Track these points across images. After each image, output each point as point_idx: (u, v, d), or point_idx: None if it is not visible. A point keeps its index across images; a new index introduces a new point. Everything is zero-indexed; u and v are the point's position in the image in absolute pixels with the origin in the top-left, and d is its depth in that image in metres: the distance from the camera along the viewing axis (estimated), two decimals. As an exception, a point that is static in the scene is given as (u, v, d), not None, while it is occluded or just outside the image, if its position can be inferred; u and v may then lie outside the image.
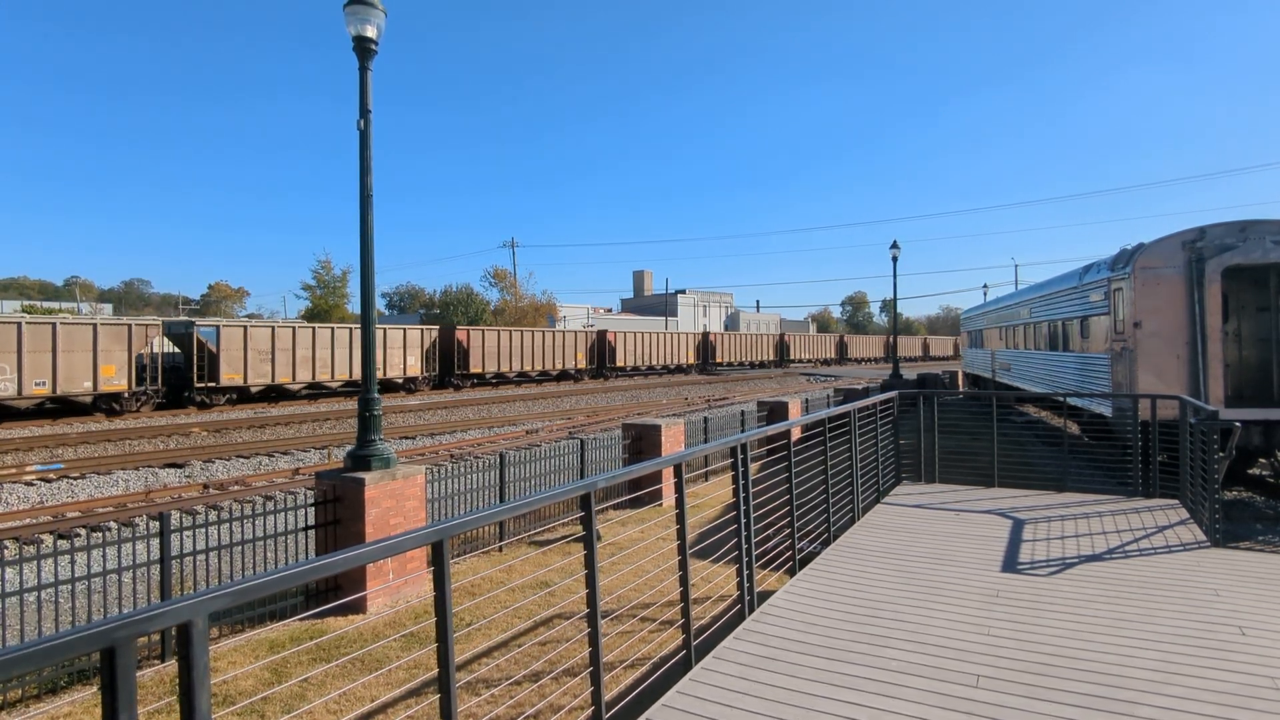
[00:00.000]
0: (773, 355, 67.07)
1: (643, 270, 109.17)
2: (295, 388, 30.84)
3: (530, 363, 42.50)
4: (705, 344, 59.13)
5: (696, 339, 58.37)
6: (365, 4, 7.10)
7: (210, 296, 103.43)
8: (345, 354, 32.29)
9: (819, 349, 75.85)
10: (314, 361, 31.24)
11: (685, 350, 56.22)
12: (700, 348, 58.55)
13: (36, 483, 14.25)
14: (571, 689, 4.89)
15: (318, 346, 31.41)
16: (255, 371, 29.04)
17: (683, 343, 56.96)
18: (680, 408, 28.49)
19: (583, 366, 46.15)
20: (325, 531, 7.11)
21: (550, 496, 3.64)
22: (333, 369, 32.00)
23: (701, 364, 58.09)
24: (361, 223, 7.39)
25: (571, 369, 45.29)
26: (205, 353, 27.71)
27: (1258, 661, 4.44)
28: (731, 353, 61.46)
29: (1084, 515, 8.25)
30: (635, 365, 50.31)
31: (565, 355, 45.16)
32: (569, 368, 45.14)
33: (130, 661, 1.74)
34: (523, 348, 42.05)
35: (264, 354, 29.35)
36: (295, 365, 30.56)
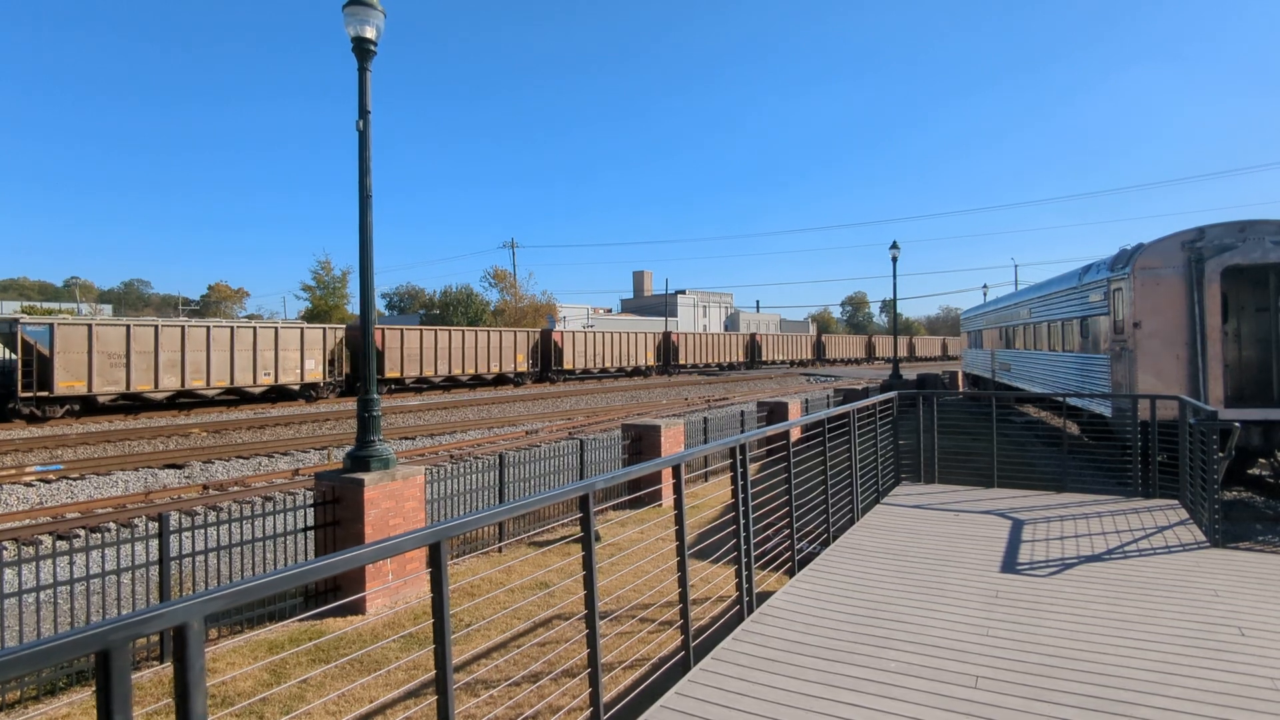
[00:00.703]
0: (742, 357, 62.91)
1: (643, 270, 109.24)
2: (159, 396, 26.52)
3: (462, 365, 37.86)
4: (667, 344, 54.18)
5: (657, 339, 53.45)
6: (364, 5, 7.10)
7: (210, 297, 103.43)
8: (225, 357, 27.90)
9: (793, 349, 70.93)
10: (184, 366, 26.76)
11: (644, 351, 51.16)
12: (661, 348, 53.70)
13: (36, 483, 14.25)
14: (570, 690, 4.89)
15: (189, 348, 26.89)
16: (105, 378, 24.90)
17: (641, 343, 51.50)
18: (680, 408, 28.49)
19: (524, 370, 41.83)
20: (325, 532, 7.11)
21: (548, 498, 3.63)
22: (208, 374, 27.44)
23: (663, 365, 53.74)
24: (360, 223, 7.39)
25: (511, 372, 41.01)
26: (35, 356, 23.60)
27: (1257, 662, 4.43)
28: (696, 354, 57.15)
29: (1083, 516, 8.25)
30: (586, 368, 46.08)
31: (504, 357, 40.59)
32: (508, 371, 40.75)
33: (125, 664, 1.73)
34: (450, 349, 37.18)
35: (116, 357, 25.20)
36: (159, 370, 26.18)
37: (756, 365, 64.34)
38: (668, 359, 54.28)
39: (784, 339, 71.41)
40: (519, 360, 41.88)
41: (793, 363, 69.76)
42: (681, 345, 55.89)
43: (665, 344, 54.61)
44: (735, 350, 62.64)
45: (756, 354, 64.91)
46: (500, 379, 41.09)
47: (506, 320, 63.53)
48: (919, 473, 10.31)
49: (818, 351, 74.57)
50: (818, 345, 75.21)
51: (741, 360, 63.01)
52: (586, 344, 46.48)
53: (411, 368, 35.51)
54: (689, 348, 56.79)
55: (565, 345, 44.61)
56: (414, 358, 35.67)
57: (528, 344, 42.91)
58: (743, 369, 61.59)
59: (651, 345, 52.98)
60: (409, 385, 35.91)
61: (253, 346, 29.00)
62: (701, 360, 57.88)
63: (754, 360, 64.48)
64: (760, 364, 64.85)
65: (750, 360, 64.11)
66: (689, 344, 57.03)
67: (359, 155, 7.34)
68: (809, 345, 74.02)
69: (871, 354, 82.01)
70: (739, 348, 63.30)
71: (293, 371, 30.48)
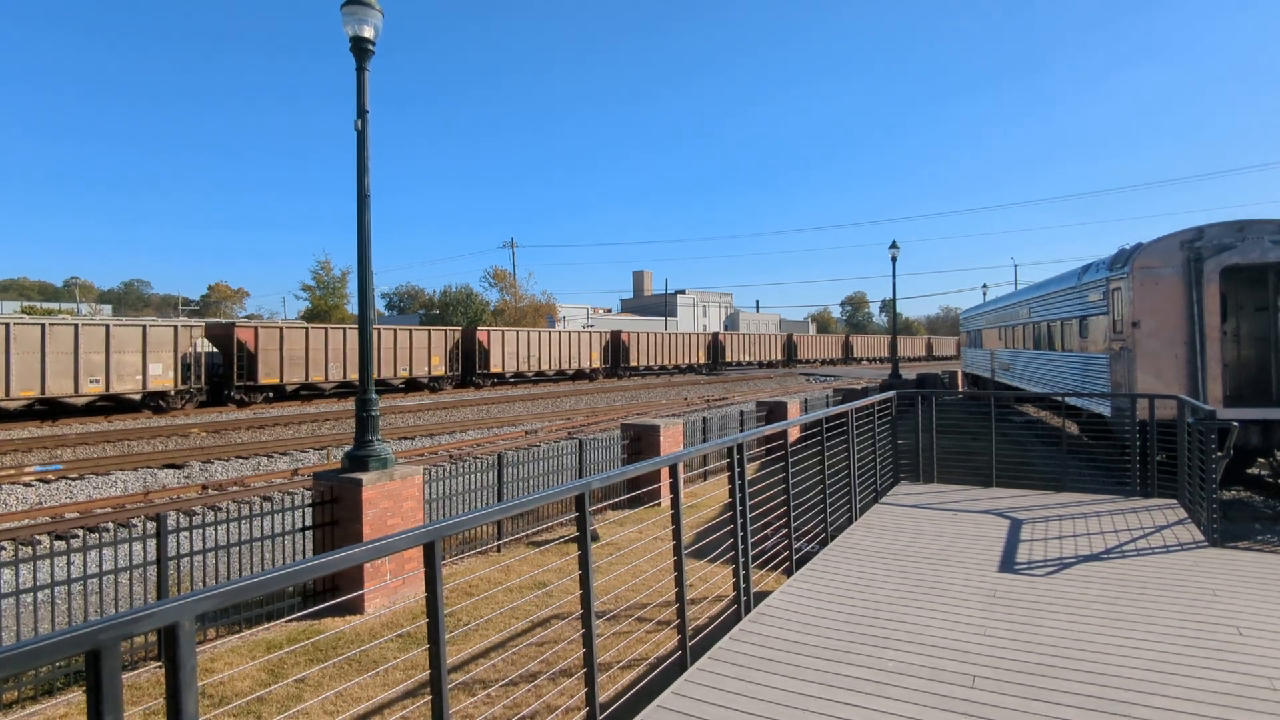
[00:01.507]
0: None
1: (642, 270, 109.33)
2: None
3: (350, 369, 31.70)
4: (616, 345, 48.51)
5: (604, 338, 47.52)
6: (363, 5, 7.09)
7: (210, 297, 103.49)
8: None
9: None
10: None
11: (588, 352, 45.76)
12: (609, 349, 48.17)
13: (35, 483, 14.24)
14: (567, 689, 4.88)
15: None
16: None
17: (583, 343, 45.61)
18: (680, 408, 28.48)
19: (441, 374, 36.29)
20: (323, 532, 7.10)
21: (544, 497, 3.63)
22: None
23: (611, 368, 48.75)
24: (359, 223, 7.38)
25: (425, 377, 35.60)
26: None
27: (1255, 661, 4.43)
28: (650, 355, 51.33)
29: (1082, 515, 8.24)
30: (519, 370, 41.00)
31: (415, 359, 34.72)
32: (421, 375, 35.37)
33: (115, 664, 1.73)
34: (346, 349, 31.28)
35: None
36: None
37: (793, 363, 62.15)
38: (616, 360, 48.81)
39: (816, 339, 69.51)
40: (434, 363, 35.73)
41: (823, 360, 68.69)
42: (633, 346, 49.24)
43: (615, 344, 48.73)
44: (775, 349, 59.67)
45: (793, 353, 63.22)
46: (412, 384, 35.15)
47: (506, 320, 63.51)
48: (918, 472, 10.30)
49: (846, 350, 73.55)
50: (846, 345, 73.78)
51: (780, 359, 60.59)
52: (519, 345, 40.59)
53: (295, 372, 29.70)
54: (642, 348, 50.27)
55: (493, 346, 38.82)
56: (298, 362, 29.82)
57: (445, 345, 36.53)
58: (704, 371, 56.16)
59: (598, 345, 47.24)
60: (291, 393, 30.09)
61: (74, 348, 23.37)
62: (656, 362, 51.84)
63: (791, 359, 62.44)
64: (796, 362, 62.85)
65: (787, 359, 62.05)
66: (642, 344, 50.35)
67: (357, 155, 7.34)
68: (838, 345, 72.49)
69: (849, 354, 77.94)
70: (778, 347, 60.44)
71: (132, 379, 24.83)
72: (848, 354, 74.66)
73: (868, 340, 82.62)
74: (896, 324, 38.38)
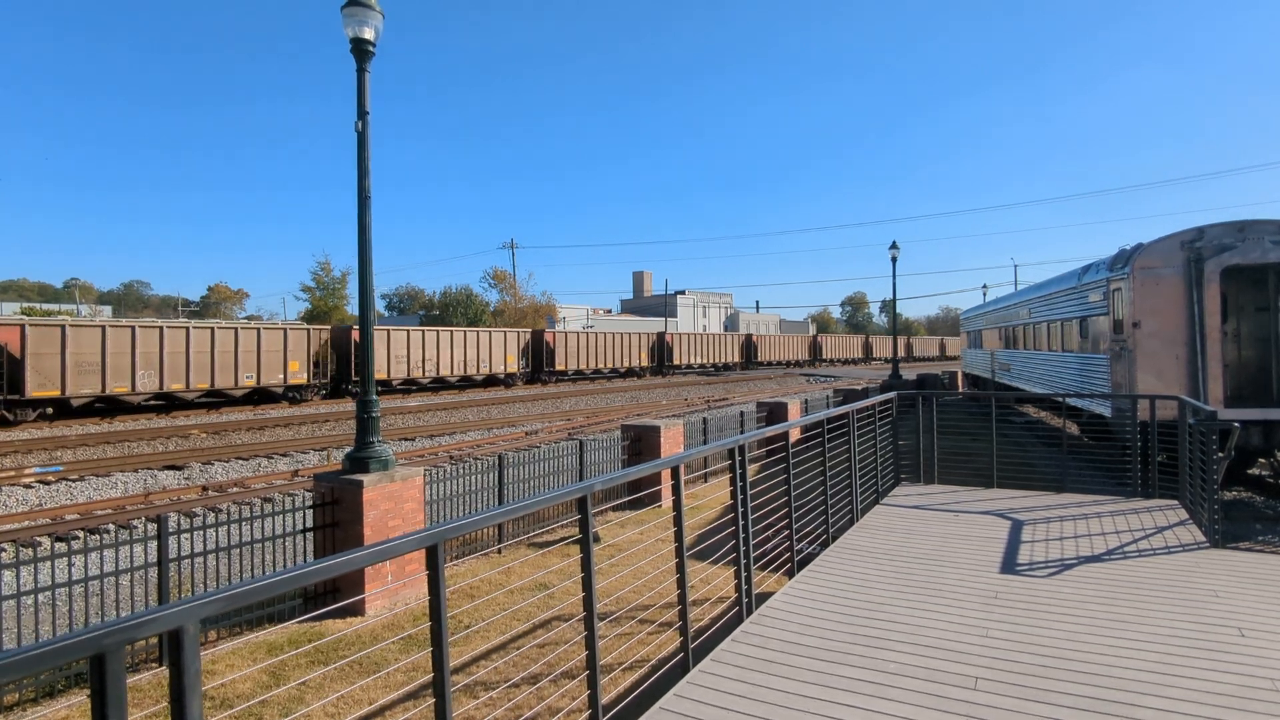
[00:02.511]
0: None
1: (642, 271, 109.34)
2: None
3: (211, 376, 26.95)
4: (538, 347, 43.19)
5: (523, 339, 41.94)
6: (363, 6, 7.10)
7: (210, 298, 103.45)
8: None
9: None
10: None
11: (503, 355, 39.46)
12: (529, 351, 42.70)
13: (35, 485, 14.24)
14: (570, 691, 4.88)
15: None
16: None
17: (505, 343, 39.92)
18: (680, 409, 28.48)
19: (301, 382, 30.06)
20: (324, 534, 7.10)
21: (547, 499, 3.63)
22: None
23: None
24: (360, 224, 7.38)
25: (276, 384, 29.32)
26: None
27: (1256, 662, 4.43)
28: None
29: (1083, 516, 8.24)
30: (410, 378, 34.86)
31: (267, 366, 28.74)
32: (270, 383, 29.08)
33: (119, 668, 1.73)
34: (189, 355, 26.09)
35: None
36: None
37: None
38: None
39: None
40: (293, 367, 29.94)
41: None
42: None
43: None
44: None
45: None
46: (260, 393, 29.19)
47: (506, 320, 63.49)
48: (918, 473, 10.30)
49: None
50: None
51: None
52: (410, 342, 34.43)
53: (120, 380, 24.44)
54: (684, 349, 53.83)
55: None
56: (122, 367, 24.40)
57: (314, 344, 30.42)
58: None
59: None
60: (139, 405, 25.37)
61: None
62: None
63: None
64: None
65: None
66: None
67: (358, 156, 7.34)
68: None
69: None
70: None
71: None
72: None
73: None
74: (896, 324, 38.38)
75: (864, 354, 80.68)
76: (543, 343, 42.34)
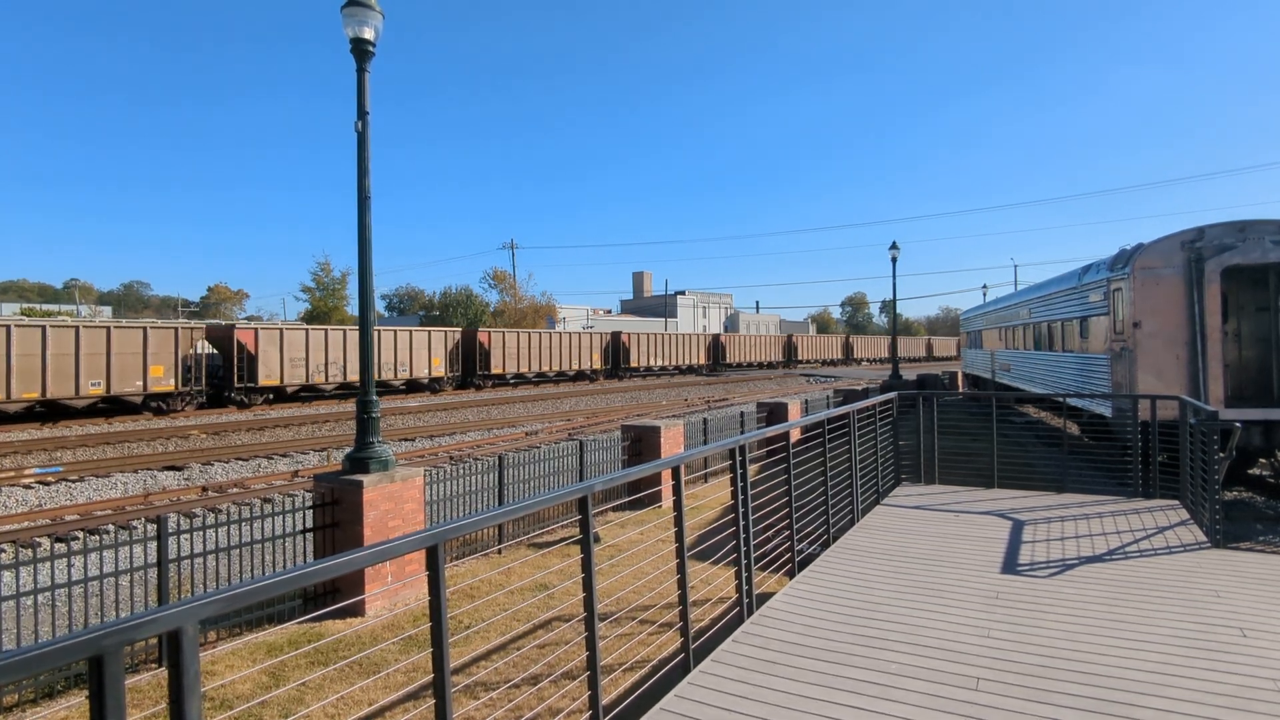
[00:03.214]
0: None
1: (642, 271, 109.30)
2: None
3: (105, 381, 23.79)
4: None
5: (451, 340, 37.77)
6: (363, 6, 7.09)
7: (210, 299, 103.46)
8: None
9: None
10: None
11: None
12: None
13: (35, 485, 14.23)
14: (570, 692, 4.87)
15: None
16: None
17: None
18: (680, 409, 28.47)
19: (169, 389, 25.70)
20: (324, 534, 7.09)
21: (547, 500, 3.62)
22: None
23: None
24: (360, 224, 7.38)
25: (133, 393, 24.78)
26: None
27: (1258, 663, 4.42)
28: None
29: (1084, 516, 8.24)
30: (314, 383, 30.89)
31: (122, 371, 24.47)
32: (126, 392, 24.66)
33: (118, 669, 1.72)
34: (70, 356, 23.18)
35: None
36: None
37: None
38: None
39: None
40: (156, 373, 25.60)
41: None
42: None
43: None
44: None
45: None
46: (113, 401, 25.00)
47: (506, 321, 63.50)
48: (919, 473, 10.29)
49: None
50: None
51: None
52: (310, 343, 30.39)
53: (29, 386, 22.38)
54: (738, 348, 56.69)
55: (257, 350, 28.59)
56: None
57: (175, 350, 25.86)
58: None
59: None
60: None
61: None
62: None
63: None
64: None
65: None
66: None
67: (358, 156, 7.33)
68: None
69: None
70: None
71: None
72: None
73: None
74: (896, 324, 38.38)
75: (843, 354, 77.64)
76: (475, 343, 38.33)
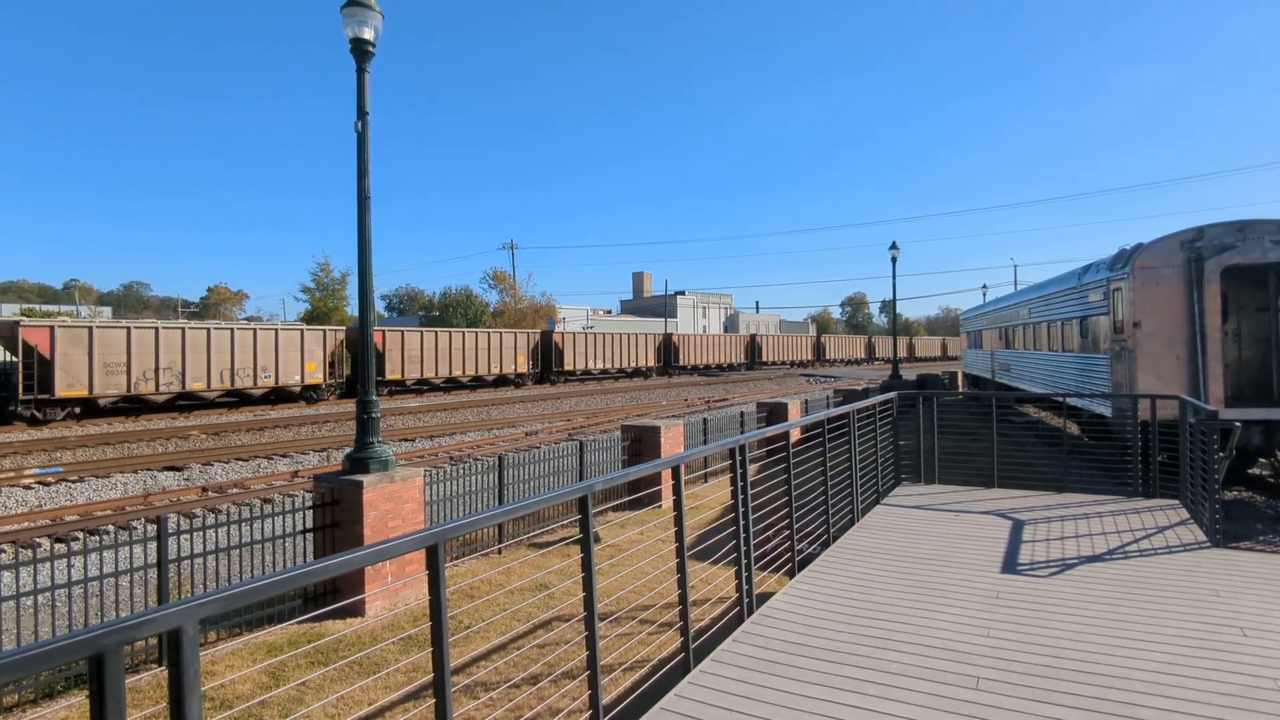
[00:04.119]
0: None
1: (642, 271, 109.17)
2: None
3: None
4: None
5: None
6: (363, 6, 7.09)
7: (210, 299, 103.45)
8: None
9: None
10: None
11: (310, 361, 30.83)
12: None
13: (35, 486, 14.23)
14: (570, 692, 4.87)
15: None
16: None
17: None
18: (680, 409, 28.47)
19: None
20: (324, 534, 7.09)
21: (547, 499, 3.62)
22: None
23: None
24: (359, 225, 7.38)
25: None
26: None
27: (1259, 662, 4.42)
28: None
29: (1084, 516, 8.24)
30: None
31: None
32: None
33: (118, 668, 1.72)
34: None
35: None
36: None
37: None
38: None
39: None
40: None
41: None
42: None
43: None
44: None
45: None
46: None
47: (506, 321, 63.47)
48: (919, 473, 10.29)
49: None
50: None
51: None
52: None
53: None
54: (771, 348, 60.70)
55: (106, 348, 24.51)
56: None
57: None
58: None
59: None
60: None
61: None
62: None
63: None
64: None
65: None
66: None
67: (358, 157, 7.33)
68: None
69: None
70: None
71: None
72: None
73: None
74: (896, 325, 38.38)
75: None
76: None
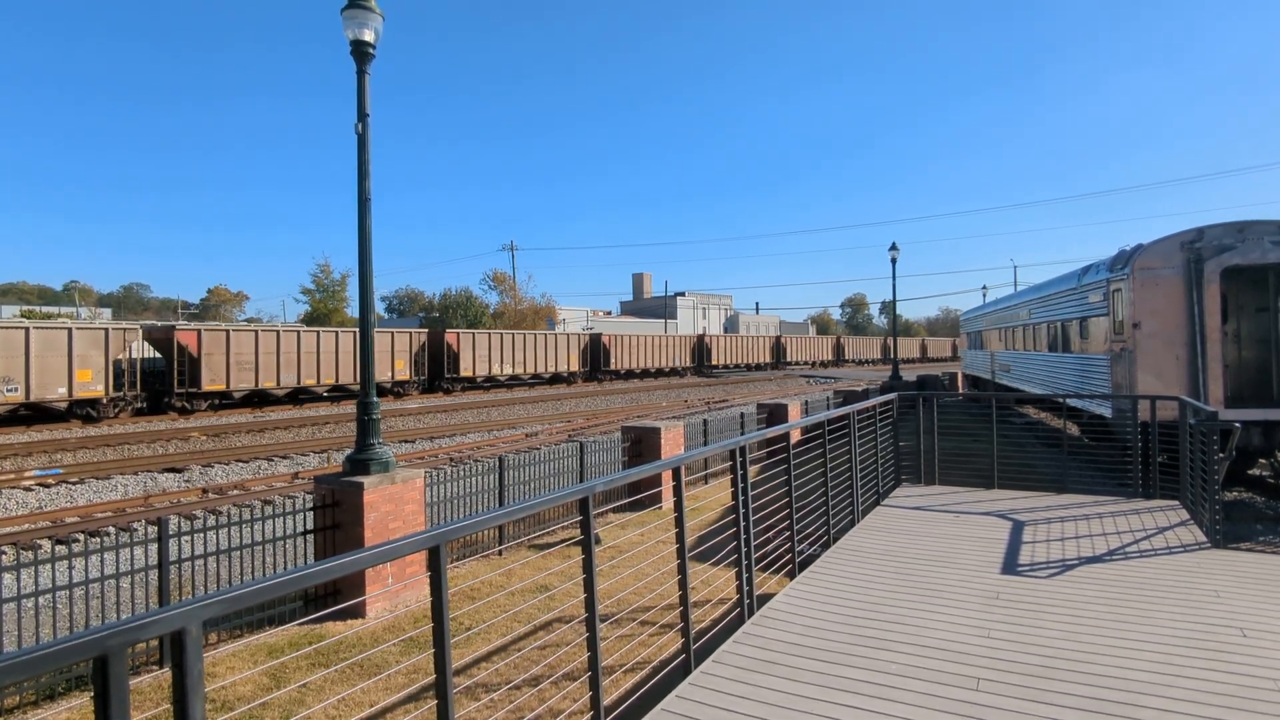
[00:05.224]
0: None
1: (642, 273, 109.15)
2: None
3: None
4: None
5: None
6: (363, 8, 7.11)
7: (210, 300, 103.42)
8: None
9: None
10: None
11: None
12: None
13: (35, 488, 14.23)
14: (571, 693, 4.88)
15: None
16: None
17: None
18: (680, 410, 28.47)
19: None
20: (324, 536, 7.09)
21: (548, 501, 3.63)
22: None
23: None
24: (360, 227, 7.39)
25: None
26: None
27: (1258, 663, 4.42)
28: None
29: (1084, 517, 8.24)
30: None
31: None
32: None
33: (122, 670, 1.73)
34: None
35: None
36: None
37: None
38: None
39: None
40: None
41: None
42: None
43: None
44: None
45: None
46: None
47: (506, 323, 63.47)
48: (919, 474, 10.30)
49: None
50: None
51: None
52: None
53: None
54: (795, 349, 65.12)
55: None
56: None
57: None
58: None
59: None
60: None
61: None
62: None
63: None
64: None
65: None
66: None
67: (358, 158, 7.34)
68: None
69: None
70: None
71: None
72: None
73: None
74: (896, 325, 38.39)
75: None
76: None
